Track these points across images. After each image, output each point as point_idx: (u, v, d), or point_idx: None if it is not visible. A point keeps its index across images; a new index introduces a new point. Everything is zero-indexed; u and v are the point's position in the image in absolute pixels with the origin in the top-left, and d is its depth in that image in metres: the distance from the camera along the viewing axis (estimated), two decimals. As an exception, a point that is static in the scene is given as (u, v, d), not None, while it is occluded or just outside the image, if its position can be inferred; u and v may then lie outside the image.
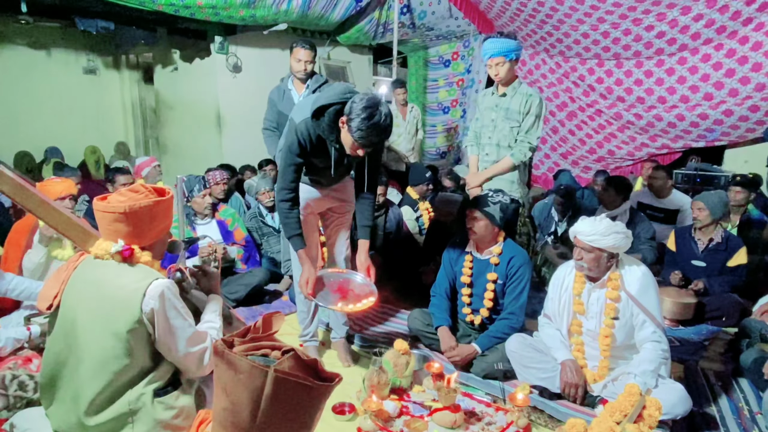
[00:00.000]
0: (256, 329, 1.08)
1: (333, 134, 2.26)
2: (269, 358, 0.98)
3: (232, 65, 6.11)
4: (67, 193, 3.11)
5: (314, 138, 2.31)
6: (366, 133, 2.09)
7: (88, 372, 1.64)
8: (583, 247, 2.31)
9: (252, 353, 0.98)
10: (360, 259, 2.50)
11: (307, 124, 2.28)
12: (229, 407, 0.97)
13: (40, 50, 6.69)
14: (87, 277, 1.70)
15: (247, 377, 0.93)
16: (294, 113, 2.38)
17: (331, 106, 2.21)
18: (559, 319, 2.53)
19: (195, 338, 1.73)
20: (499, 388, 2.55)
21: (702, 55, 5.18)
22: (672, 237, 3.85)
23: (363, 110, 2.08)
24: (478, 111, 3.42)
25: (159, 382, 1.72)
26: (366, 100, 2.10)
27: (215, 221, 3.82)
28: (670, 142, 5.99)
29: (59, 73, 6.89)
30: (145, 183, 1.92)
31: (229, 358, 0.95)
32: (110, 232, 1.71)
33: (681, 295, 3.43)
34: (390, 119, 2.14)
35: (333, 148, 2.32)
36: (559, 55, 6.19)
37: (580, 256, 2.33)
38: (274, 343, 1.02)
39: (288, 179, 2.37)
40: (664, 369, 2.28)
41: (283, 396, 0.94)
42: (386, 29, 6.45)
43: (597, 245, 2.27)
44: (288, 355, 0.96)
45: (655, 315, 2.29)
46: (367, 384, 2.31)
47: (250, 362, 0.93)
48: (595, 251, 2.30)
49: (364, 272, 2.48)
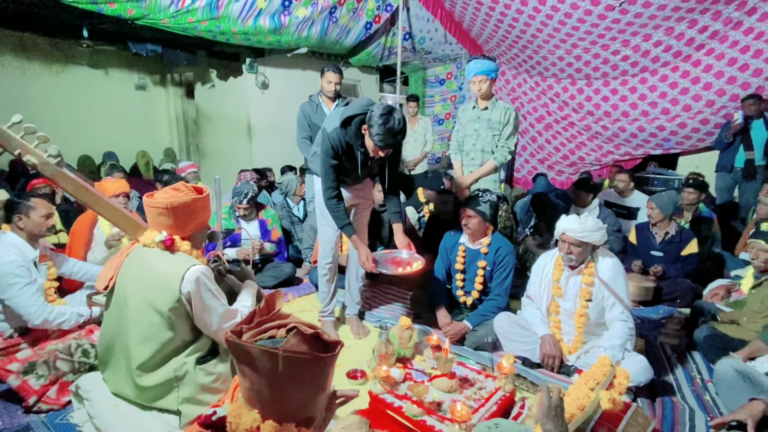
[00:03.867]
0: (262, 311, 1.03)
1: (359, 140, 2.26)
2: (276, 338, 0.93)
3: (260, 83, 6.07)
4: (121, 191, 3.09)
5: (344, 144, 2.30)
6: (383, 136, 2.10)
7: (137, 343, 1.63)
8: (572, 242, 2.25)
9: (260, 337, 0.94)
10: (399, 239, 2.50)
11: (337, 132, 2.28)
12: (252, 387, 0.94)
13: (99, 69, 6.66)
14: (136, 263, 1.68)
15: (260, 362, 0.89)
16: (326, 123, 2.37)
17: (356, 117, 2.22)
18: (540, 300, 2.49)
19: (227, 315, 1.71)
20: (488, 358, 2.53)
21: (660, 76, 5.11)
22: (633, 231, 3.81)
23: (380, 117, 2.09)
24: (458, 123, 3.41)
25: (200, 352, 1.71)
26: (382, 109, 2.11)
27: (257, 220, 3.78)
28: (632, 150, 5.92)
29: (115, 89, 6.87)
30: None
31: (241, 347, 0.90)
32: (156, 224, 1.68)
33: (642, 280, 3.39)
34: (403, 123, 2.14)
35: (359, 152, 2.32)
36: (538, 75, 6.12)
37: (569, 251, 2.27)
38: (279, 322, 0.97)
39: (330, 179, 2.38)
40: (629, 343, 2.24)
41: (295, 370, 0.91)
42: (391, 53, 6.40)
43: (586, 240, 2.22)
44: (291, 333, 0.92)
45: (623, 298, 2.25)
46: (377, 354, 2.28)
47: (260, 348, 0.88)
48: (583, 245, 2.25)
49: (405, 248, 2.48)
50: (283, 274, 3.61)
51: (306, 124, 3.64)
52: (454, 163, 3.45)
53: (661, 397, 2.21)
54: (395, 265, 2.40)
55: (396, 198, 2.59)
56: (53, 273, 2.42)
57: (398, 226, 2.53)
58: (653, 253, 3.61)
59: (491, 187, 3.20)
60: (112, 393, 1.73)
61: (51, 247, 2.53)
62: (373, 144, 2.17)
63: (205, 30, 4.58)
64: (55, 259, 2.48)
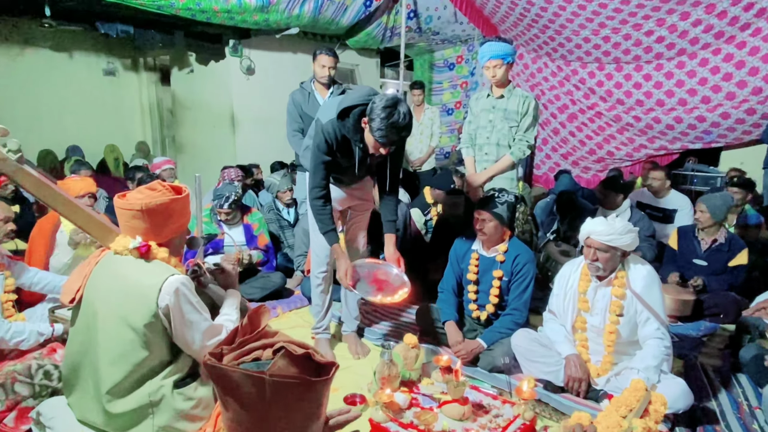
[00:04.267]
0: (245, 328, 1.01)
1: (357, 134, 2.25)
2: (261, 361, 0.91)
3: (245, 68, 6.09)
4: (87, 190, 3.10)
5: (339, 138, 2.30)
6: (386, 132, 2.09)
7: (108, 363, 1.62)
8: (599, 248, 2.26)
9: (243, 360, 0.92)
10: (389, 251, 2.52)
11: (333, 125, 2.27)
12: (235, 418, 0.93)
13: (63, 53, 6.69)
14: (107, 272, 1.68)
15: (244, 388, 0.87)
16: (320, 114, 2.37)
17: (355, 108, 2.20)
18: (564, 315, 2.49)
19: (210, 331, 1.71)
20: (505, 382, 2.52)
21: (700, 59, 5.11)
22: (674, 235, 3.79)
23: (383, 110, 2.08)
24: (470, 114, 3.42)
25: (178, 374, 1.70)
26: (385, 100, 2.10)
27: (242, 224, 3.77)
28: (668, 144, 5.92)
29: (80, 75, 6.89)
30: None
31: (222, 372, 0.88)
32: (129, 228, 1.69)
33: (680, 292, 3.39)
34: (409, 117, 2.13)
35: (357, 147, 2.32)
36: (560, 58, 6.13)
37: (596, 257, 2.27)
38: (264, 342, 0.95)
39: (319, 177, 2.38)
40: (666, 365, 2.24)
41: (284, 398, 0.89)
42: (393, 33, 6.41)
43: (614, 244, 2.23)
44: (279, 354, 0.91)
45: (659, 312, 2.25)
46: (378, 376, 2.28)
47: (243, 372, 0.86)
48: (611, 250, 2.25)
49: (394, 263, 2.49)
50: (271, 284, 3.62)
51: (297, 114, 3.65)
52: (466, 159, 3.46)
53: (703, 425, 2.21)
54: (377, 285, 2.42)
55: (393, 203, 2.57)
56: (11, 284, 2.43)
57: (390, 238, 2.54)
58: (696, 261, 3.60)
59: (507, 186, 3.21)
60: (78, 420, 1.72)
61: (8, 254, 2.54)
62: (373, 140, 2.16)
63: (183, 8, 4.60)
64: (13, 268, 2.49)
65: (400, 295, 2.37)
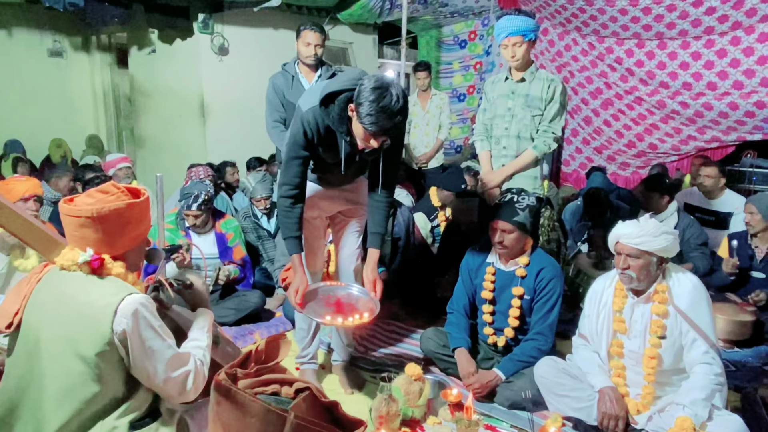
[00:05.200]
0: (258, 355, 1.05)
1: (343, 125, 2.24)
2: (281, 397, 0.95)
3: (217, 47, 6.13)
4: (32, 193, 3.12)
5: (322, 129, 2.30)
6: (376, 118, 2.06)
7: (53, 400, 1.63)
8: (629, 253, 2.27)
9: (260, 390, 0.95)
10: (366, 272, 2.48)
11: (314, 113, 2.27)
12: None
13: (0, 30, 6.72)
14: (51, 292, 1.69)
15: (259, 421, 0.90)
16: (301, 100, 2.37)
17: (341, 93, 2.18)
18: (597, 340, 2.50)
19: (175, 361, 1.71)
20: (527, 420, 2.52)
21: (759, 35, 5.14)
22: (725, 244, 3.81)
23: (371, 92, 2.06)
24: (485, 100, 3.45)
25: (135, 412, 1.70)
26: (375, 81, 2.09)
27: (214, 233, 3.76)
28: (722, 135, 5.93)
29: (21, 56, 6.92)
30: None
31: (237, 398, 0.91)
32: (77, 239, 1.69)
33: (737, 311, 3.40)
34: (404, 101, 2.11)
35: (343, 140, 2.31)
36: (592, 34, 6.16)
37: (627, 264, 2.29)
38: (284, 377, 0.99)
39: (291, 174, 2.37)
40: (718, 398, 2.24)
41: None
42: (394, 5, 6.45)
43: (646, 248, 2.24)
44: (303, 395, 0.93)
45: (707, 333, 2.26)
46: (375, 415, 2.29)
47: (264, 404, 0.89)
48: (644, 256, 2.26)
49: (370, 287, 2.46)
50: (248, 305, 3.63)
51: (278, 102, 3.67)
52: (480, 154, 3.48)
53: (763, 471, 2.22)
54: (335, 308, 2.37)
55: (383, 209, 2.53)
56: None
57: (373, 254, 2.50)
58: (753, 274, 3.63)
59: (530, 186, 3.22)
60: (16, 470, 1.73)
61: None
62: (362, 129, 2.14)
63: (142, -24, 4.64)
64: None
65: (357, 318, 2.30)
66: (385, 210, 2.53)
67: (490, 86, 3.42)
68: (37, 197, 3.15)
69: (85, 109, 7.67)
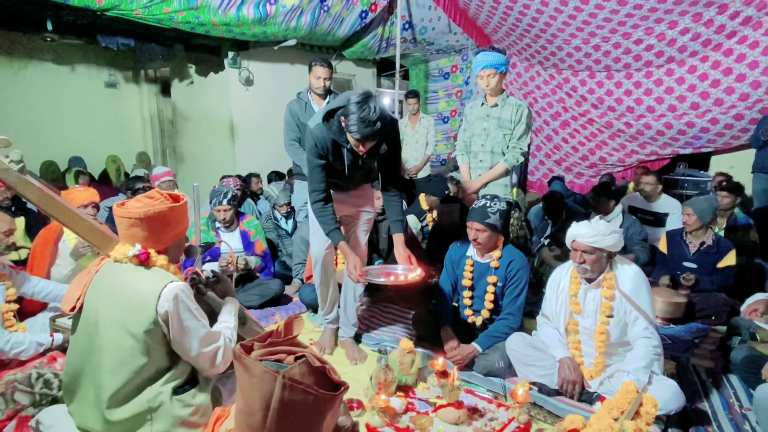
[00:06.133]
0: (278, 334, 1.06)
1: (342, 136, 2.27)
2: (283, 363, 0.96)
3: (244, 79, 6.13)
4: (90, 200, 3.12)
5: (328, 141, 2.32)
6: (358, 127, 2.10)
7: (108, 370, 1.63)
8: (584, 250, 2.28)
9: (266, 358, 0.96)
10: (398, 251, 2.50)
11: (320, 128, 2.31)
12: (245, 409, 0.96)
13: (65, 66, 6.72)
14: (107, 280, 1.69)
15: (258, 381, 0.91)
16: (311, 121, 2.41)
17: (338, 110, 2.23)
18: (557, 319, 2.51)
19: (208, 338, 1.71)
20: (500, 385, 2.53)
21: (689, 67, 5.16)
22: (663, 239, 3.82)
23: (354, 105, 2.10)
24: (465, 122, 3.45)
25: (177, 380, 1.70)
26: (357, 96, 2.13)
27: (239, 230, 3.79)
28: (659, 149, 5.95)
29: (82, 87, 6.93)
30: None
31: (245, 362, 0.93)
32: (128, 236, 1.70)
33: (672, 294, 3.40)
34: (381, 112, 2.12)
35: (345, 149, 2.34)
36: (552, 67, 6.18)
37: (582, 259, 2.30)
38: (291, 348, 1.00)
39: (316, 180, 2.42)
40: (657, 365, 2.25)
41: (291, 402, 0.93)
42: (389, 44, 6.46)
43: (598, 245, 2.24)
44: (299, 361, 0.95)
45: (647, 312, 2.26)
46: (375, 381, 2.29)
47: (262, 367, 0.91)
48: (596, 252, 2.27)
49: (405, 261, 2.47)
50: (270, 291, 3.63)
51: (294, 124, 3.68)
52: (461, 166, 3.49)
53: (695, 426, 2.22)
54: (386, 276, 2.45)
55: (396, 202, 2.58)
56: (12, 294, 2.43)
57: (398, 237, 2.52)
58: (686, 264, 3.62)
59: (501, 192, 3.23)
60: (78, 428, 1.72)
61: (10, 264, 2.54)
62: (351, 137, 2.19)
63: (182, 21, 4.64)
64: (15, 278, 2.49)
65: (412, 276, 2.35)
66: (398, 203, 2.58)
67: (469, 110, 3.43)
68: (95, 204, 3.15)
69: (135, 131, 7.67)
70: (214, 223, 3.71)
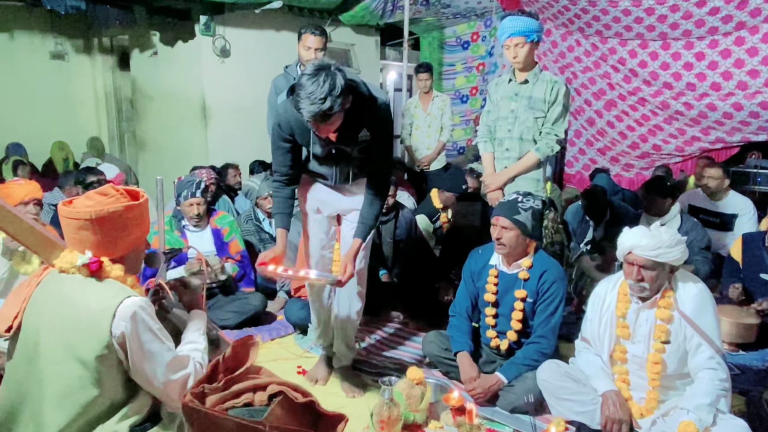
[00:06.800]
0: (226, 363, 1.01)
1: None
2: (254, 407, 0.92)
3: (219, 49, 6.14)
4: (32, 196, 3.12)
5: (293, 120, 2.35)
6: (301, 104, 2.07)
7: (52, 404, 1.63)
8: (644, 265, 2.25)
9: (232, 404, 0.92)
10: (343, 256, 2.55)
11: (285, 105, 2.33)
12: None
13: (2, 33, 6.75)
14: (51, 294, 1.69)
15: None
16: (280, 95, 2.41)
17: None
18: (600, 344, 2.49)
19: (175, 364, 1.71)
20: (529, 425, 2.52)
21: (763, 35, 5.12)
22: (738, 245, 3.75)
23: (304, 77, 2.07)
24: (489, 102, 3.44)
25: (135, 416, 1.70)
26: (310, 67, 2.09)
27: (210, 229, 3.79)
28: (726, 136, 5.91)
29: (23, 58, 6.95)
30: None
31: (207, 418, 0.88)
32: (77, 241, 1.69)
33: (741, 314, 3.37)
34: (332, 84, 2.05)
35: (313, 132, 2.33)
36: (595, 35, 6.15)
37: (640, 275, 2.27)
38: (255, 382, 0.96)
39: (277, 162, 2.54)
40: (723, 402, 2.23)
41: None
42: (396, 7, 6.45)
43: (662, 260, 2.22)
44: (276, 400, 0.91)
45: (713, 338, 2.25)
46: (376, 419, 2.28)
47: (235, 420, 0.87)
48: (658, 267, 2.25)
49: (341, 270, 2.47)
50: (249, 308, 3.63)
51: None
52: (483, 156, 3.47)
53: (769, 476, 2.20)
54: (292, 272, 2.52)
55: (372, 204, 2.55)
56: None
57: (355, 242, 2.55)
58: (763, 276, 3.58)
59: (533, 188, 3.21)
60: (15, 473, 1.73)
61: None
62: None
63: (144, -21, 4.65)
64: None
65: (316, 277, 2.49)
66: (372, 204, 2.55)
67: (493, 88, 3.42)
68: (37, 200, 3.15)
69: (86, 112, 7.70)
70: (180, 222, 3.71)
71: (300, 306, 3.48)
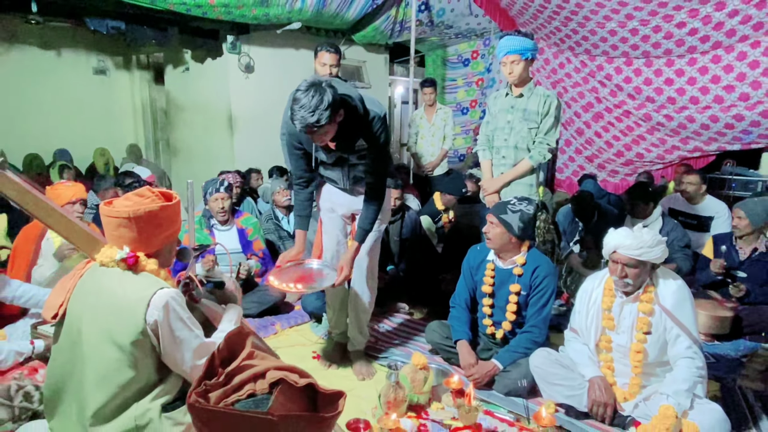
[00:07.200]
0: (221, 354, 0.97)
1: None
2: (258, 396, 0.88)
3: (244, 65, 6.15)
4: (77, 197, 3.14)
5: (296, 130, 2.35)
6: (294, 116, 2.10)
7: (92, 384, 1.64)
8: (627, 263, 2.24)
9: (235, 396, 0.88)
10: (341, 258, 2.54)
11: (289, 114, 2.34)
12: None
13: (50, 51, 6.79)
14: (92, 286, 1.70)
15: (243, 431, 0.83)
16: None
17: None
18: (587, 334, 2.48)
19: (202, 350, 1.72)
20: (522, 406, 2.50)
21: (738, 53, 5.08)
22: (709, 244, 3.75)
23: (296, 93, 2.11)
24: (488, 114, 3.44)
25: (167, 396, 1.71)
26: (304, 83, 2.12)
27: (236, 228, 3.83)
28: (703, 145, 5.87)
29: (69, 74, 6.99)
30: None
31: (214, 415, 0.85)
32: (115, 238, 1.70)
33: (717, 307, 3.36)
34: (320, 100, 2.05)
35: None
36: (584, 53, 6.12)
37: (624, 273, 2.26)
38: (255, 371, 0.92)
39: (292, 167, 2.58)
40: (700, 388, 2.21)
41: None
42: (403, 27, 6.45)
43: (644, 258, 2.21)
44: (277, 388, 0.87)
45: (690, 330, 2.23)
46: (383, 400, 2.28)
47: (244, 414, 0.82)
48: (640, 265, 2.24)
49: (337, 268, 2.50)
50: (269, 299, 3.64)
51: None
52: (482, 162, 3.47)
53: (742, 456, 2.18)
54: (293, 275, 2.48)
55: (368, 210, 2.53)
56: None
57: (352, 245, 2.56)
58: (736, 273, 3.56)
59: (526, 192, 3.20)
60: (60, 446, 1.74)
61: (-12, 266, 2.58)
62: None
63: (176, 2, 4.67)
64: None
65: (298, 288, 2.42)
66: (368, 209, 2.54)
67: (492, 101, 3.41)
68: (83, 200, 3.17)
69: (125, 122, 7.74)
70: (209, 221, 3.75)
71: (315, 297, 3.48)
